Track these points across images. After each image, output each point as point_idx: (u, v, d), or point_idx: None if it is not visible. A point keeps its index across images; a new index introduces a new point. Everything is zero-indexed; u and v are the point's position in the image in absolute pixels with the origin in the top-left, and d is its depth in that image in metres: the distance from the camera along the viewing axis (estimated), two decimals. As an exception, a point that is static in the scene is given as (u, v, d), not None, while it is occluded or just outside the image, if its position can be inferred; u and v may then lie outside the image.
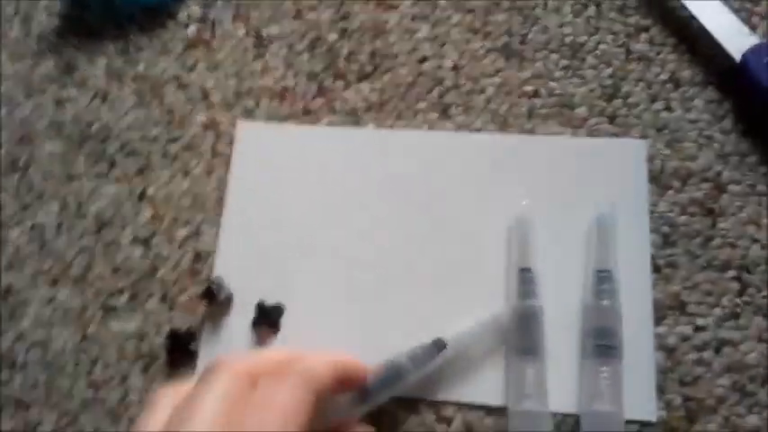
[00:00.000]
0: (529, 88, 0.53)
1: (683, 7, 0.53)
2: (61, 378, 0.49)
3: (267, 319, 0.48)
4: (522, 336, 0.45)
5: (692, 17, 0.52)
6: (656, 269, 0.47)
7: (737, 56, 0.50)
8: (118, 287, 0.51)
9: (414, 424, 0.46)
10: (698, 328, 0.46)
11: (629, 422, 0.43)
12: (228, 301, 0.49)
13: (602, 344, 0.44)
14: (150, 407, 0.38)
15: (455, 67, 0.54)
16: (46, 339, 0.50)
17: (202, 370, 0.38)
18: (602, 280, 0.45)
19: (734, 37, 0.51)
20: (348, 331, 0.48)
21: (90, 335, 0.50)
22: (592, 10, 0.54)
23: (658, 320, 0.46)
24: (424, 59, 0.55)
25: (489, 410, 0.45)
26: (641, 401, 0.44)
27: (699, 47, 0.53)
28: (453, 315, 0.47)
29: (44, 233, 0.53)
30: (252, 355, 0.42)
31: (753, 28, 0.52)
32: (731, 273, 0.47)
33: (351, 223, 0.51)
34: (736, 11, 0.52)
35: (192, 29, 0.58)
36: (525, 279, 0.46)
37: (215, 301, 0.49)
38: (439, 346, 0.44)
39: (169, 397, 0.37)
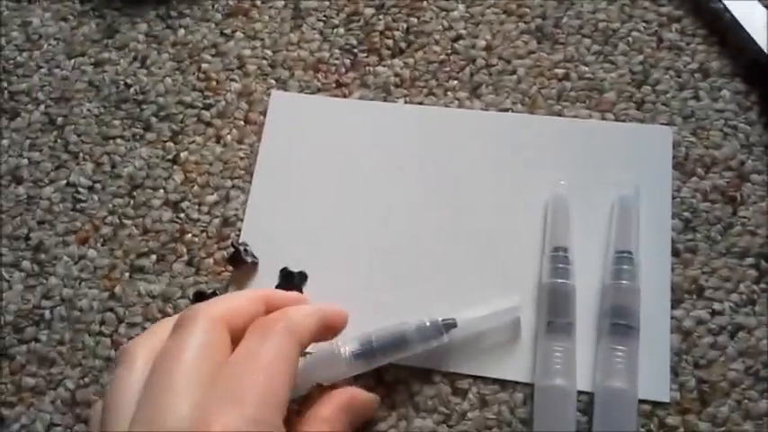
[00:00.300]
0: (559, 71, 0.54)
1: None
2: (86, 336, 0.50)
3: (290, 285, 0.49)
4: (553, 314, 0.45)
5: (725, 9, 0.53)
6: (676, 253, 0.48)
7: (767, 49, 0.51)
8: (146, 248, 0.52)
9: (428, 395, 0.46)
10: (714, 313, 0.47)
11: (642, 402, 0.44)
12: (254, 266, 0.50)
13: (619, 323, 0.44)
14: (126, 361, 0.37)
15: (488, 47, 0.55)
16: (73, 297, 0.51)
17: (177, 319, 0.38)
18: (622, 261, 0.46)
19: (764, 30, 0.51)
20: (371, 303, 0.49)
21: (117, 294, 0.51)
22: (626, -3, 0.55)
23: (675, 303, 0.47)
24: (457, 38, 0.55)
25: (503, 384, 0.46)
26: (655, 382, 0.45)
27: (729, 39, 0.53)
28: (479, 293, 0.48)
29: (77, 192, 0.54)
30: (225, 299, 0.41)
31: (784, 22, 0.52)
32: (749, 260, 0.48)
33: (378, 197, 0.51)
34: (768, 5, 0.53)
35: (231, -2, 0.59)
36: (558, 258, 0.47)
37: (241, 265, 0.50)
38: (448, 325, 0.44)
39: (146, 348, 0.37)
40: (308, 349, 0.42)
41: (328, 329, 0.42)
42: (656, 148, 0.50)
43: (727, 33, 0.53)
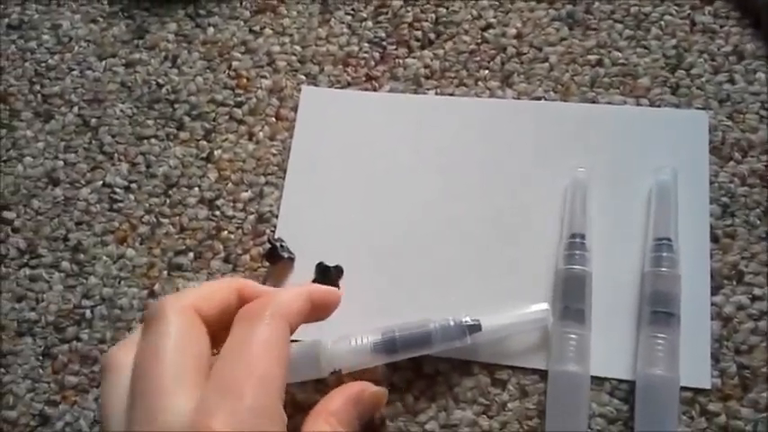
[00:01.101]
0: (592, 57, 0.53)
1: (749, -20, 0.52)
2: (127, 334, 0.51)
3: (327, 280, 0.49)
4: (567, 300, 0.45)
5: (758, -11, 0.52)
6: (715, 239, 0.48)
7: (802, 29, 0.50)
8: (184, 246, 0.52)
9: (468, 386, 0.46)
10: (755, 298, 0.46)
11: (683, 389, 0.44)
12: (290, 261, 0.50)
13: (659, 311, 0.44)
14: (110, 369, 0.36)
15: (518, 36, 0.55)
16: (113, 296, 0.52)
17: (144, 317, 0.37)
18: (662, 248, 0.46)
19: (799, 10, 0.51)
20: (405, 295, 0.49)
21: (156, 292, 0.51)
22: (657, -19, 0.54)
23: (715, 290, 0.46)
24: (487, 27, 0.55)
25: (543, 374, 0.46)
26: (696, 369, 0.45)
27: (763, 20, 0.52)
28: (509, 284, 0.48)
29: (113, 192, 0.55)
30: (192, 288, 0.39)
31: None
32: (790, 244, 0.47)
33: (410, 189, 0.51)
34: (803, -16, 0.52)
35: (260, -6, 0.59)
36: (574, 245, 0.46)
37: (277, 261, 0.50)
38: (472, 328, 0.44)
39: (127, 356, 0.36)
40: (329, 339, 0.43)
41: (319, 309, 0.41)
42: (692, 133, 0.50)
43: (760, 15, 0.52)
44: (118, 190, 0.55)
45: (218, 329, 0.38)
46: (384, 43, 0.56)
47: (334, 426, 0.40)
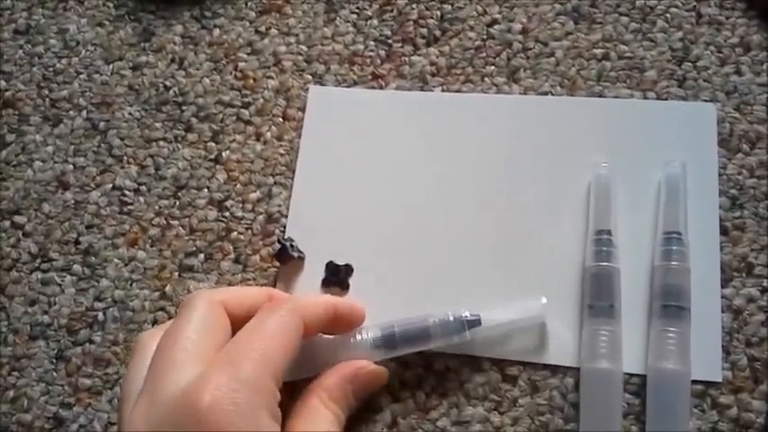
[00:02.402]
0: (598, 51, 0.53)
1: (754, -30, 0.52)
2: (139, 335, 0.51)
3: (337, 279, 0.50)
4: (596, 297, 0.45)
5: (763, -20, 0.52)
6: (724, 231, 0.47)
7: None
8: (194, 248, 0.53)
9: (478, 382, 0.46)
10: (764, 290, 0.46)
11: (694, 382, 0.44)
12: (301, 261, 0.50)
13: (670, 305, 0.44)
14: (138, 351, 0.39)
15: (524, 31, 0.55)
16: (125, 298, 0.52)
17: (180, 305, 0.39)
18: (672, 241, 0.46)
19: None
20: (416, 294, 0.49)
21: (167, 294, 0.52)
22: (662, -27, 0.54)
23: (725, 282, 0.46)
24: (492, 23, 0.55)
25: (554, 370, 0.46)
26: (707, 362, 0.45)
27: (770, 10, 0.52)
28: (524, 281, 0.48)
29: (123, 195, 0.55)
30: (228, 288, 0.43)
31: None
32: (800, 235, 0.47)
33: (420, 187, 0.51)
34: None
35: (265, -6, 0.59)
36: (601, 241, 0.46)
37: (288, 260, 0.50)
38: (471, 323, 0.44)
39: (154, 340, 0.38)
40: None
41: (340, 321, 0.43)
42: (700, 126, 0.50)
43: (766, 5, 0.52)
44: (128, 192, 0.55)
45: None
46: (390, 41, 0.56)
47: (326, 401, 0.41)
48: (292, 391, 0.41)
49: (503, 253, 0.49)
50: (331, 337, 0.44)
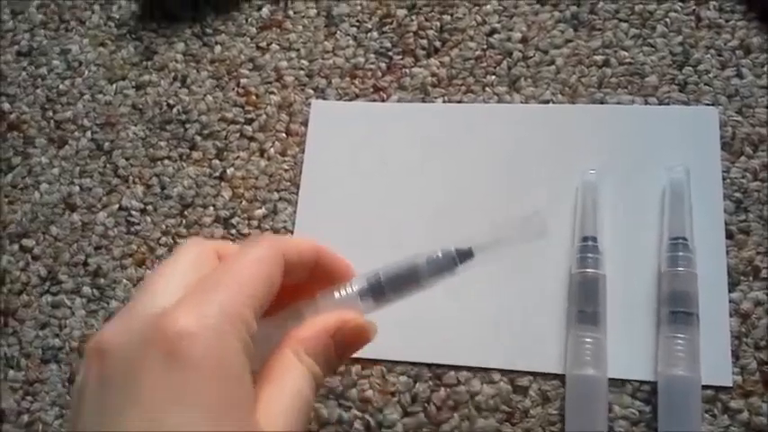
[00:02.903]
0: (599, 58, 0.53)
1: (753, -28, 0.52)
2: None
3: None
4: (581, 304, 0.46)
5: (762, -19, 0.52)
6: (729, 235, 0.48)
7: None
8: (201, 264, 0.53)
9: (489, 394, 0.47)
10: (772, 294, 0.46)
11: (704, 387, 0.44)
12: (308, 275, 0.50)
13: (678, 311, 0.44)
14: (174, 253, 0.36)
15: (524, 39, 0.55)
16: (135, 316, 0.52)
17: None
18: (678, 247, 0.46)
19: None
20: (415, 307, 0.49)
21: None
22: (660, -22, 0.54)
23: (732, 286, 0.46)
24: (492, 32, 0.55)
25: (564, 379, 0.46)
26: (717, 367, 0.45)
27: (769, 12, 0.52)
28: (523, 288, 0.48)
29: (130, 215, 0.55)
30: (285, 239, 0.40)
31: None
32: (805, 238, 0.47)
33: (423, 198, 0.52)
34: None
35: (264, 10, 0.59)
36: (586, 248, 0.47)
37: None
38: (462, 255, 0.39)
39: (195, 247, 0.36)
40: None
41: (324, 269, 0.39)
42: (702, 130, 0.50)
43: (766, 7, 0.52)
44: (134, 213, 0.55)
45: None
46: (390, 53, 0.56)
47: (301, 354, 0.35)
48: None
49: (507, 260, 0.49)
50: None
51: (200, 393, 0.30)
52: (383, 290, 0.38)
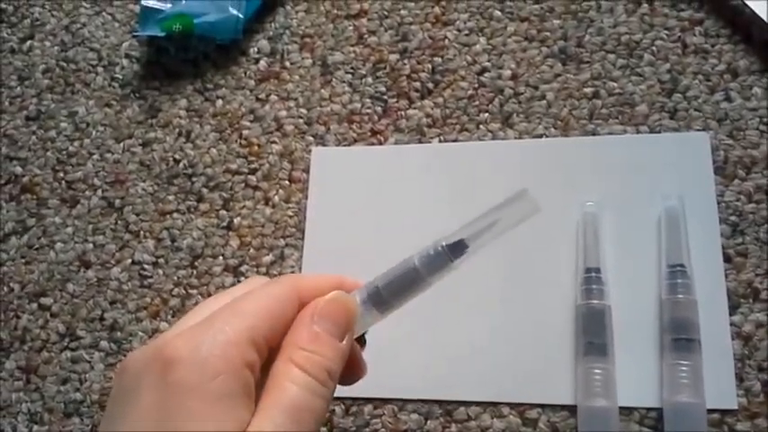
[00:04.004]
0: (588, 90, 0.54)
1: (735, -4, 0.53)
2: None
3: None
4: (588, 335, 0.46)
5: (744, 5, 0.52)
6: (727, 259, 0.48)
7: (793, 39, 0.50)
8: (214, 312, 0.54)
9: (499, 428, 0.47)
10: (773, 315, 0.47)
11: (710, 411, 0.44)
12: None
13: (680, 338, 0.45)
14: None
15: (514, 76, 0.56)
16: (153, 365, 0.53)
17: None
18: (676, 275, 0.46)
19: (787, 21, 0.51)
20: (424, 344, 0.50)
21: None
22: (645, 7, 0.55)
23: (733, 309, 0.47)
24: (482, 71, 0.56)
25: (572, 410, 0.47)
26: (721, 390, 0.45)
27: (753, 35, 0.53)
28: (528, 322, 0.49)
29: (143, 269, 0.57)
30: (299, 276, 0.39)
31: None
32: (802, 257, 0.48)
33: (425, 236, 0.51)
34: (788, -6, 0.52)
35: (262, 63, 0.61)
36: (590, 279, 0.47)
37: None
38: (454, 249, 0.38)
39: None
40: None
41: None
42: (695, 156, 0.51)
43: (750, 29, 0.53)
44: (147, 266, 0.57)
45: None
46: (385, 97, 0.57)
47: (293, 358, 0.35)
48: None
49: (510, 294, 0.50)
50: None
51: (180, 414, 0.31)
52: (384, 298, 0.38)
